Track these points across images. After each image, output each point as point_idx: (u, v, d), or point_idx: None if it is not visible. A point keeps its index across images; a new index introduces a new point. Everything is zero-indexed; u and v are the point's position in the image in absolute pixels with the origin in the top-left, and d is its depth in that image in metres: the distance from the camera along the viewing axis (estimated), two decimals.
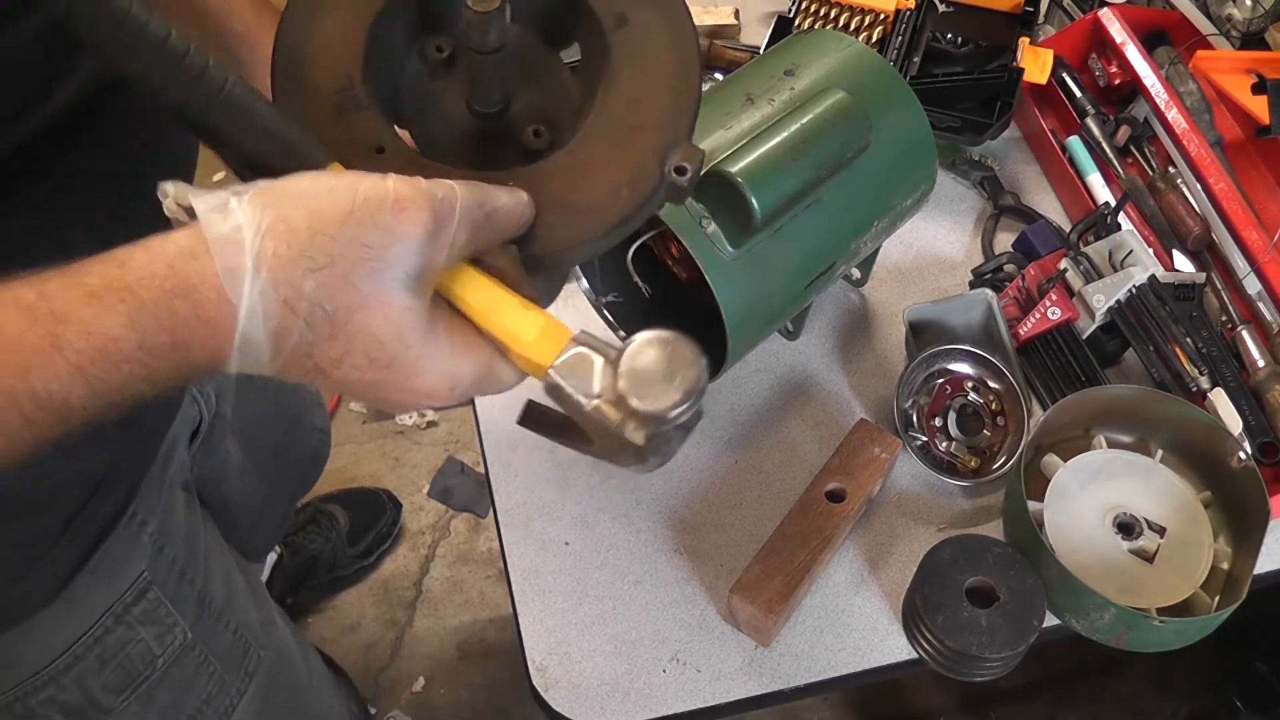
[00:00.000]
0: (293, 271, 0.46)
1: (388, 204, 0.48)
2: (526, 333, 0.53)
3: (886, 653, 0.96)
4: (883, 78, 0.96)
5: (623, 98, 0.58)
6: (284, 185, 0.48)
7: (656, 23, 0.59)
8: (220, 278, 0.45)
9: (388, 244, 0.48)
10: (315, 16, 0.56)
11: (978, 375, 1.07)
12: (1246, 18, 1.34)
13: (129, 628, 0.81)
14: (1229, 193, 1.16)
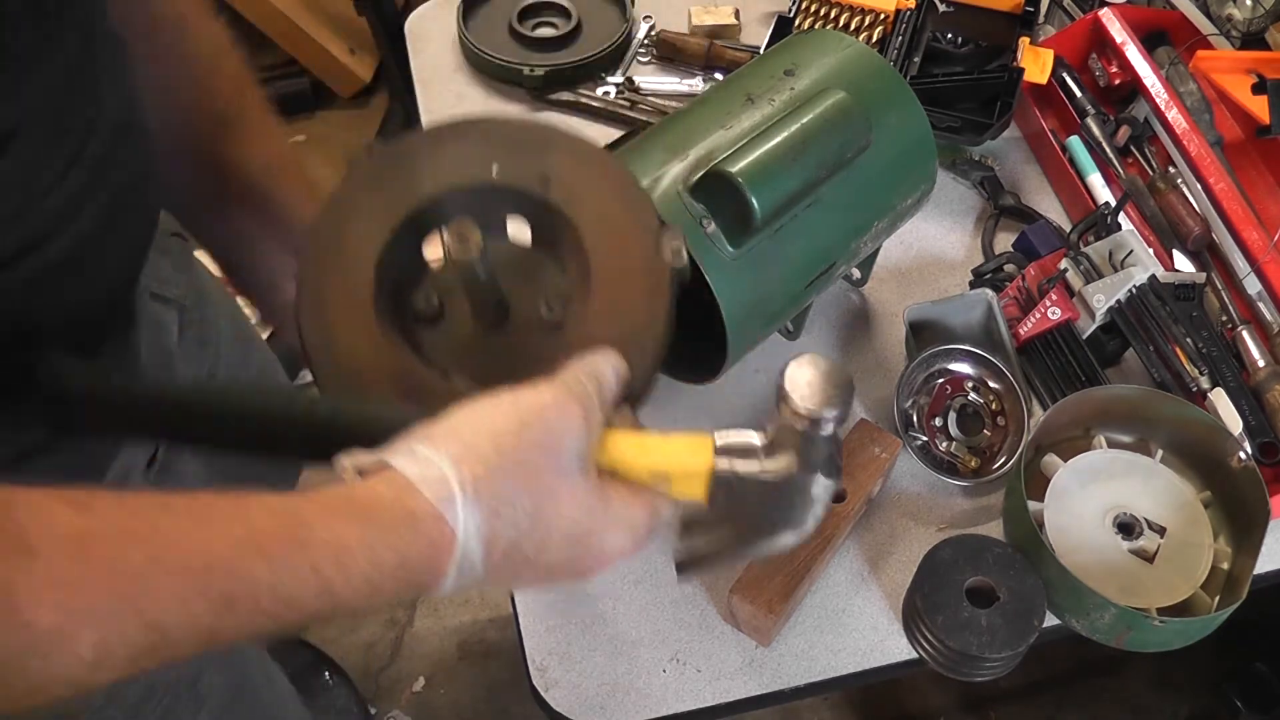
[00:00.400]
0: (492, 486, 0.53)
1: (548, 408, 0.56)
2: (680, 456, 0.60)
3: (886, 653, 0.96)
4: (883, 78, 0.96)
5: (597, 231, 0.63)
6: (451, 423, 0.55)
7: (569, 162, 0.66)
8: (436, 506, 0.52)
9: (559, 439, 0.56)
10: (335, 329, 0.63)
11: (978, 375, 1.07)
12: (1246, 18, 1.34)
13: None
14: (1229, 193, 1.16)
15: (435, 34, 1.43)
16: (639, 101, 1.34)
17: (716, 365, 0.92)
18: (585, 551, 0.58)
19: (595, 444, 0.58)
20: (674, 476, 0.60)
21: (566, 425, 0.56)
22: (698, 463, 0.60)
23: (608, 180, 0.66)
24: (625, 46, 1.40)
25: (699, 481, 0.60)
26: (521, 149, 0.67)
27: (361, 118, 2.66)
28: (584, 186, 0.66)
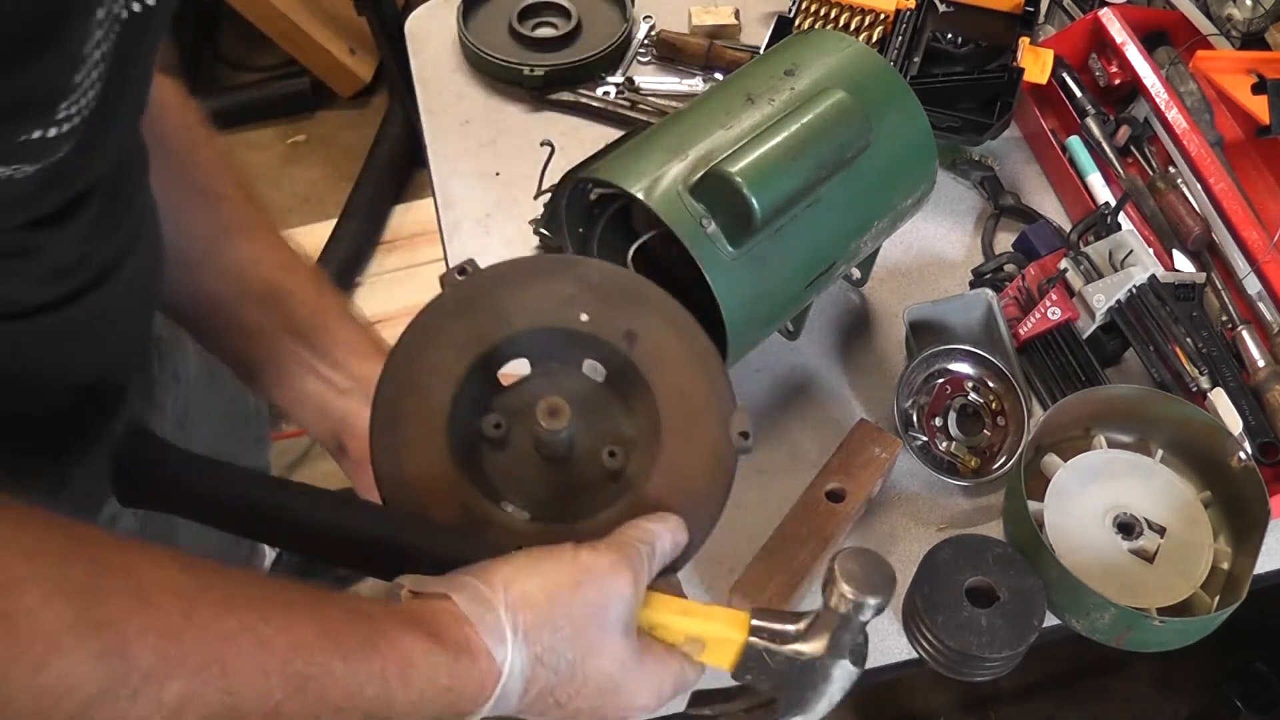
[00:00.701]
0: (541, 634, 0.57)
1: (605, 570, 0.59)
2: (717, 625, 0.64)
3: (886, 653, 0.96)
4: (883, 78, 0.96)
5: (671, 397, 0.66)
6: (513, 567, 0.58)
7: (659, 325, 0.68)
8: (489, 645, 0.56)
9: (608, 602, 0.59)
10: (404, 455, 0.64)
11: (978, 375, 1.07)
12: (1246, 18, 1.34)
13: None
14: (1229, 193, 1.16)
15: (435, 34, 1.43)
16: (639, 101, 1.34)
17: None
18: (614, 703, 0.61)
19: (637, 612, 0.62)
20: (709, 643, 0.64)
21: (618, 590, 0.60)
22: (733, 635, 0.63)
23: (691, 350, 0.68)
24: (625, 46, 1.40)
25: (731, 652, 0.63)
26: (612, 301, 0.68)
27: (361, 118, 2.65)
28: (667, 351, 0.68)
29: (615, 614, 0.60)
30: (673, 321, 0.69)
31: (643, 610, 0.62)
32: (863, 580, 0.62)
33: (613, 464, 0.67)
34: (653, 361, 0.67)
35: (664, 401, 0.66)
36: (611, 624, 0.60)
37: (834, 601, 0.63)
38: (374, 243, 2.33)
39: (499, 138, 1.33)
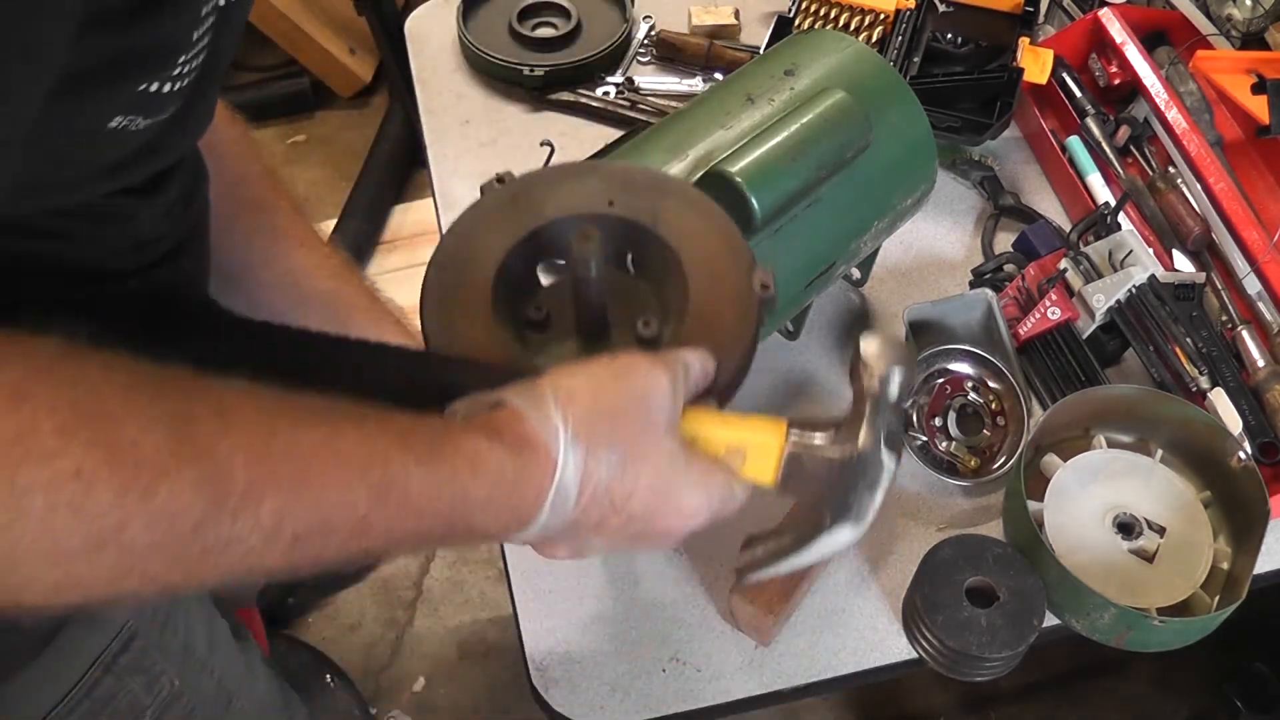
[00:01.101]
0: (590, 428, 0.59)
1: (642, 369, 0.62)
2: (756, 430, 0.66)
3: (886, 653, 0.96)
4: (883, 78, 0.96)
5: (696, 260, 0.71)
6: (556, 373, 0.61)
7: (680, 206, 0.74)
8: (543, 437, 0.58)
9: (651, 396, 0.61)
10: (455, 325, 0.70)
11: (978, 375, 1.07)
12: (1246, 18, 1.34)
13: (118, 678, 0.81)
14: (1229, 193, 1.16)
15: (435, 34, 1.43)
16: (639, 101, 1.34)
17: None
18: (664, 506, 0.62)
19: (680, 413, 0.63)
20: (750, 449, 0.65)
21: (657, 384, 0.62)
22: (772, 437, 0.65)
23: (710, 222, 0.74)
24: (625, 46, 1.40)
25: (772, 456, 0.65)
26: (637, 190, 0.74)
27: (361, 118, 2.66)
28: (689, 224, 0.73)
29: (657, 406, 0.61)
30: (692, 202, 0.75)
31: (682, 424, 0.64)
32: (886, 354, 0.64)
33: (647, 333, 0.71)
34: (677, 233, 0.73)
35: (689, 264, 0.71)
36: (655, 416, 0.61)
37: (864, 382, 0.65)
38: (374, 243, 2.33)
39: (499, 138, 1.33)
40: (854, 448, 0.65)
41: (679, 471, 0.62)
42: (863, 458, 0.65)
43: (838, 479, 0.65)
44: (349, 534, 0.52)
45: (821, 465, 0.65)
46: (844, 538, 0.67)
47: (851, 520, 0.67)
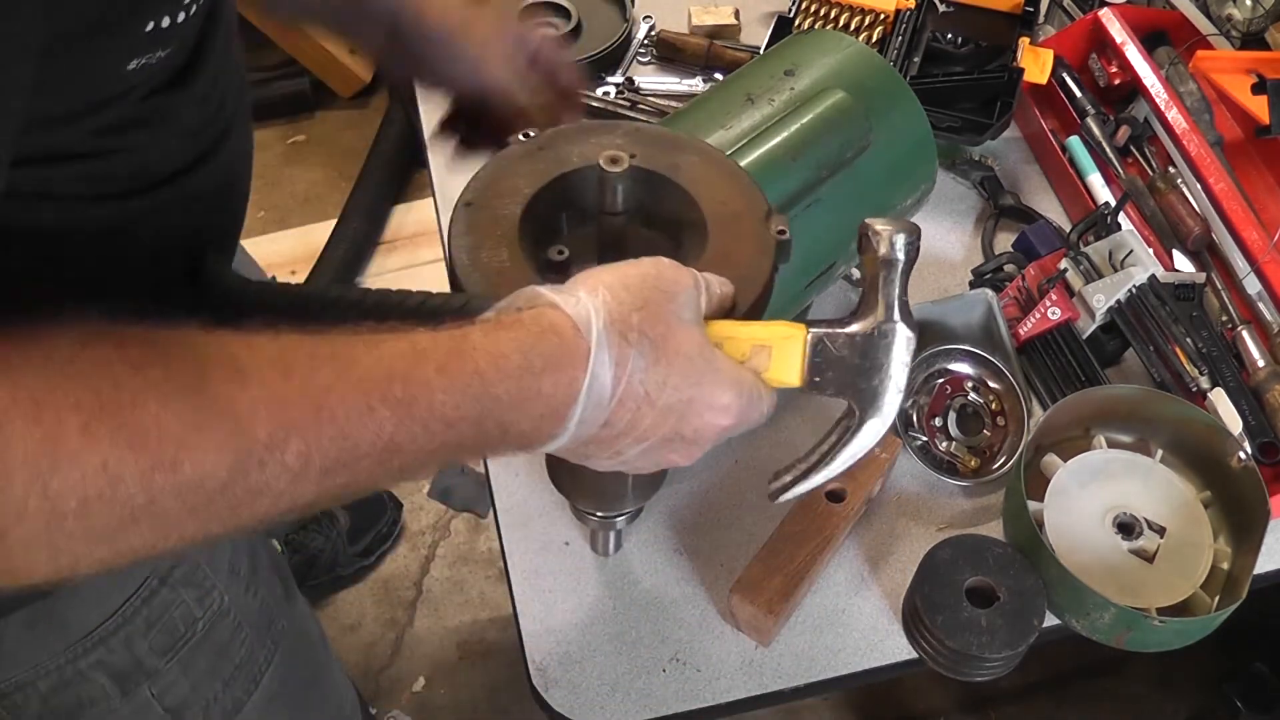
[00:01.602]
0: (621, 312, 0.59)
1: (667, 269, 0.63)
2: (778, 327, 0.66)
3: (886, 653, 0.96)
4: (883, 78, 0.97)
5: (714, 204, 0.74)
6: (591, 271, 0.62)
7: (698, 159, 0.77)
8: (576, 323, 0.58)
9: (676, 290, 0.62)
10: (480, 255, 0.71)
11: (978, 375, 1.07)
12: (1246, 18, 1.34)
13: (172, 589, 0.84)
14: (1229, 193, 1.16)
15: None
16: (639, 101, 1.34)
17: None
18: (699, 396, 0.61)
19: (703, 314, 0.64)
20: (775, 345, 0.66)
21: (683, 280, 0.62)
22: (795, 333, 0.66)
23: (728, 172, 0.76)
24: (625, 46, 1.40)
25: (797, 351, 0.66)
26: (657, 144, 0.77)
27: (361, 118, 2.66)
28: (707, 174, 0.76)
29: (685, 299, 0.62)
30: (709, 156, 0.77)
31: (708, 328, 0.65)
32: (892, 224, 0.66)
33: None
34: (694, 181, 0.75)
35: (708, 209, 0.73)
36: (683, 307, 0.61)
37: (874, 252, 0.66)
38: (374, 243, 2.33)
39: None
40: (874, 318, 0.65)
41: (710, 362, 0.62)
42: (881, 329, 0.65)
43: (860, 360, 0.66)
44: (379, 457, 0.53)
45: (844, 347, 0.66)
46: (872, 431, 0.67)
47: (878, 410, 0.67)
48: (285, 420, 0.50)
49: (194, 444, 0.47)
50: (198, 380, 0.49)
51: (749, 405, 0.64)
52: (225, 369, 0.50)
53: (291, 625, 1.02)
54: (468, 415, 0.55)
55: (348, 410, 0.51)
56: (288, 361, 0.51)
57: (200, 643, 0.88)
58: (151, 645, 0.84)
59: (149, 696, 0.86)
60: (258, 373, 0.50)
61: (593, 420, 0.59)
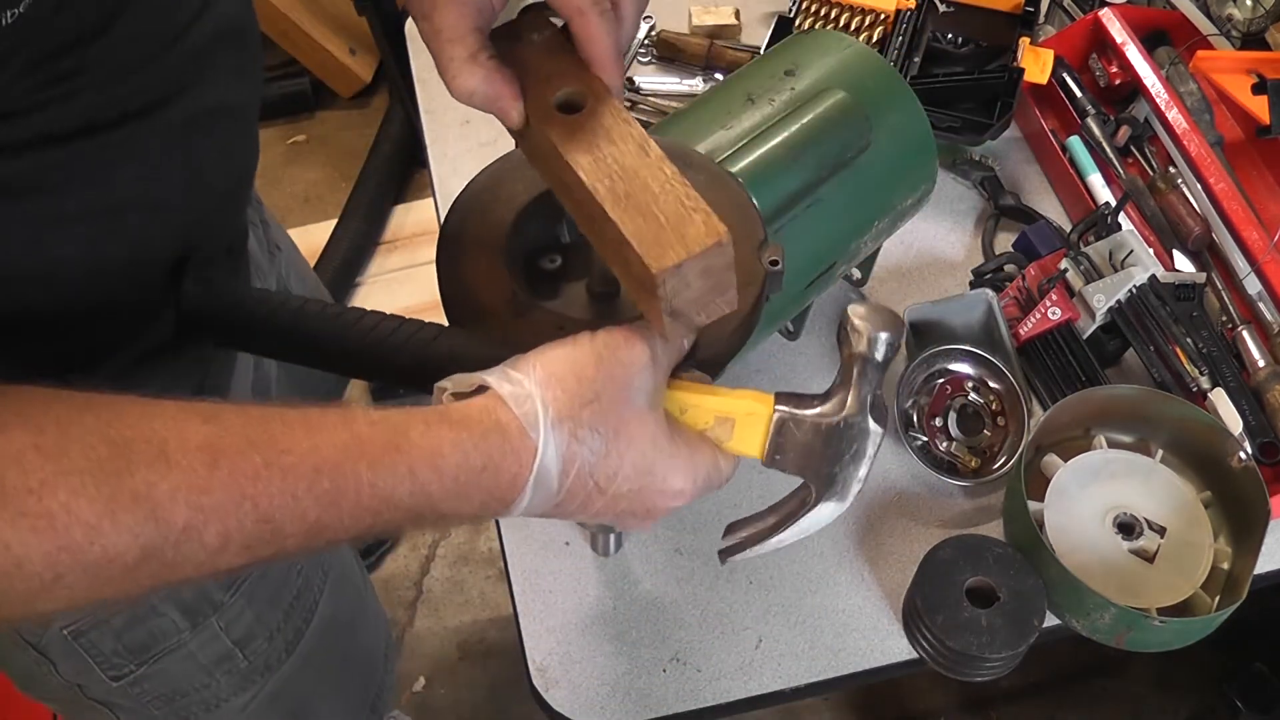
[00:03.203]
0: (571, 408, 0.58)
1: (620, 344, 0.61)
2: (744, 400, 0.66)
3: (886, 653, 0.96)
4: (883, 78, 0.96)
5: None
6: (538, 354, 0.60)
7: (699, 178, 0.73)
8: (521, 421, 0.57)
9: (630, 374, 0.60)
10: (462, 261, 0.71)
11: (978, 375, 1.07)
12: (1247, 18, 1.34)
13: None
14: (1229, 193, 1.16)
15: None
16: (639, 101, 1.34)
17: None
18: (650, 485, 0.61)
19: (663, 387, 0.63)
20: (738, 418, 0.65)
21: (636, 359, 0.61)
22: (761, 406, 0.65)
23: (730, 197, 0.74)
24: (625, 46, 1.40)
25: (760, 426, 0.65)
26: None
27: (361, 118, 2.66)
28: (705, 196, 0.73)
29: (639, 385, 0.61)
30: (713, 175, 0.76)
31: (670, 394, 0.64)
32: (873, 319, 0.66)
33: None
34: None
35: None
36: (636, 395, 0.61)
37: (851, 347, 0.66)
38: (374, 243, 2.33)
39: (499, 137, 1.32)
40: (841, 412, 0.65)
41: (663, 451, 0.62)
42: (848, 421, 0.65)
43: (824, 447, 0.65)
44: (304, 537, 0.54)
45: (808, 432, 0.65)
46: (828, 512, 0.67)
47: (837, 494, 0.67)
48: (205, 506, 0.50)
49: (106, 531, 0.48)
50: (116, 464, 0.49)
51: (705, 485, 0.65)
52: (148, 452, 0.50)
53: (336, 555, 1.04)
54: (399, 506, 0.55)
55: (271, 498, 0.52)
56: (216, 449, 0.51)
57: (261, 575, 0.90)
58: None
59: (217, 629, 0.89)
60: (182, 458, 0.50)
61: (541, 504, 0.59)
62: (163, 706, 0.91)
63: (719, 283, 0.60)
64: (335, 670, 1.08)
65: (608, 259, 0.63)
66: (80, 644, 0.83)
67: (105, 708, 0.90)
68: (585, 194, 0.59)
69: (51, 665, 0.85)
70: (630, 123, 0.61)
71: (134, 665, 0.86)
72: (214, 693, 0.93)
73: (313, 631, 0.99)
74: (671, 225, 0.57)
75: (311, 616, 0.98)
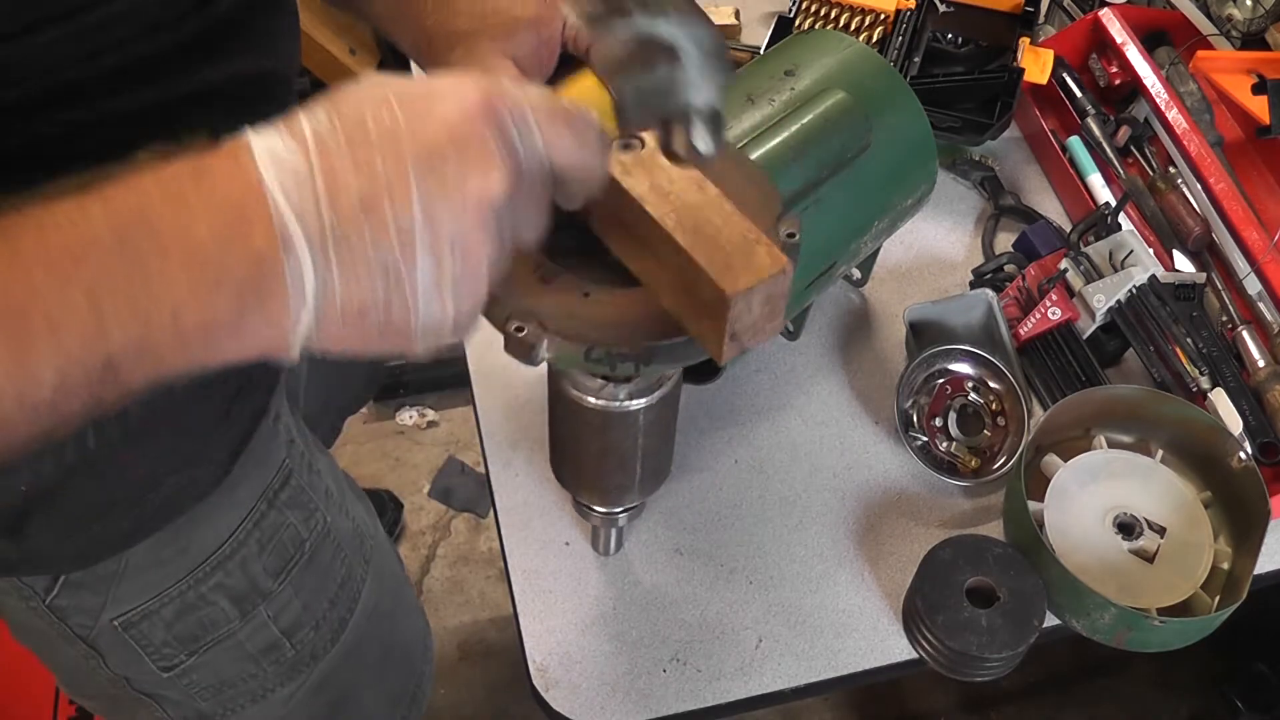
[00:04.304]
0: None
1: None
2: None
3: (886, 653, 0.96)
4: (883, 78, 0.96)
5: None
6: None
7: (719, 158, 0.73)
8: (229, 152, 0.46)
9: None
10: None
11: (978, 375, 1.07)
12: (1247, 18, 1.34)
13: (280, 511, 0.87)
14: (1229, 193, 1.16)
15: None
16: None
17: (716, 366, 0.92)
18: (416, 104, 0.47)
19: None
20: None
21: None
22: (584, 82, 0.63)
23: (746, 174, 0.75)
24: None
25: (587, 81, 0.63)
26: None
27: None
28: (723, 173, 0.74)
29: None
30: (734, 158, 0.76)
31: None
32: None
33: None
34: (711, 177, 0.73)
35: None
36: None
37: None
38: None
39: None
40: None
41: (420, 80, 0.48)
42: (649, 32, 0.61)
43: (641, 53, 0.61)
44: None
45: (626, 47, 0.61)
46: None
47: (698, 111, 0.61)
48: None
49: None
50: None
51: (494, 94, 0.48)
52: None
53: (378, 544, 1.05)
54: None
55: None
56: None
57: (308, 564, 0.91)
58: (265, 567, 0.87)
59: (266, 618, 0.89)
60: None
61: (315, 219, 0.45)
62: (210, 698, 0.91)
63: (774, 309, 0.62)
64: (377, 661, 1.08)
65: (660, 288, 0.64)
66: (131, 635, 0.83)
67: (152, 700, 0.90)
68: (650, 226, 0.62)
69: (101, 659, 0.85)
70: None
71: (184, 655, 0.86)
72: (261, 683, 0.93)
73: (356, 621, 0.99)
74: (739, 253, 0.60)
75: (355, 606, 0.99)
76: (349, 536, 0.97)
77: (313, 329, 0.47)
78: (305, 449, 0.92)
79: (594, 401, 0.76)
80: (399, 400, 2.16)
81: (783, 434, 1.07)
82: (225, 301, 0.44)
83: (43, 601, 0.80)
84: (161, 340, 0.45)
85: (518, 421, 1.06)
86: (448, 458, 2.11)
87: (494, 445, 1.06)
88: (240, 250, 0.44)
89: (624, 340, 0.66)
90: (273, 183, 0.44)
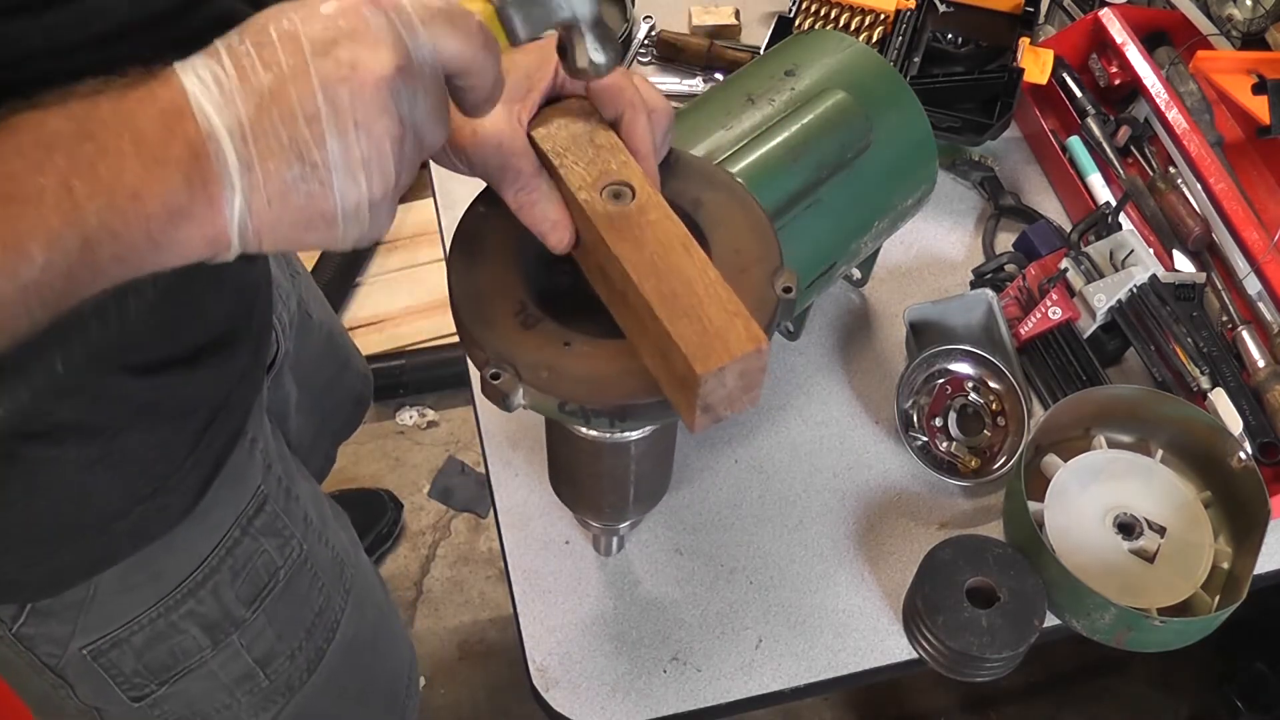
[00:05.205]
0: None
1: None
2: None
3: (886, 653, 0.96)
4: (883, 78, 0.96)
5: (725, 251, 0.71)
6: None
7: (721, 198, 0.75)
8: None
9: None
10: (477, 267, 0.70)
11: (978, 375, 1.08)
12: (1247, 18, 1.34)
13: (253, 539, 0.85)
14: (1229, 193, 1.16)
15: None
16: None
17: None
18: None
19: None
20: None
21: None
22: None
23: (749, 218, 0.74)
24: (626, 47, 1.40)
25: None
26: (690, 177, 0.75)
27: None
28: (727, 216, 0.74)
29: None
30: (736, 196, 0.75)
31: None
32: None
33: None
34: (714, 222, 0.73)
35: (718, 254, 0.71)
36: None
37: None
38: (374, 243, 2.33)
39: None
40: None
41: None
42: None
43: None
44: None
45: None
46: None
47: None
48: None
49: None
50: None
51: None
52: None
53: (359, 573, 1.03)
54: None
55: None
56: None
57: (283, 592, 0.89)
58: (238, 594, 0.86)
59: (239, 647, 0.87)
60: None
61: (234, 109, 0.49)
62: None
63: (750, 382, 0.61)
64: (358, 692, 1.06)
65: (639, 345, 0.64)
66: (100, 664, 0.81)
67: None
68: (630, 288, 0.61)
69: (70, 689, 0.83)
70: (674, 220, 0.64)
71: (155, 685, 0.85)
72: (235, 713, 0.91)
73: (334, 651, 0.97)
74: (715, 330, 0.59)
75: (333, 635, 0.97)
76: (327, 565, 0.95)
77: (245, 216, 0.51)
78: (284, 475, 0.91)
79: (587, 431, 0.75)
80: (399, 400, 2.16)
81: (783, 434, 1.07)
82: (175, 182, 0.49)
83: (10, 630, 0.78)
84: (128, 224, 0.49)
85: (518, 421, 1.06)
86: (448, 458, 2.11)
87: (494, 445, 1.06)
88: (179, 140, 0.49)
89: (598, 397, 0.64)
90: (194, 85, 0.50)
